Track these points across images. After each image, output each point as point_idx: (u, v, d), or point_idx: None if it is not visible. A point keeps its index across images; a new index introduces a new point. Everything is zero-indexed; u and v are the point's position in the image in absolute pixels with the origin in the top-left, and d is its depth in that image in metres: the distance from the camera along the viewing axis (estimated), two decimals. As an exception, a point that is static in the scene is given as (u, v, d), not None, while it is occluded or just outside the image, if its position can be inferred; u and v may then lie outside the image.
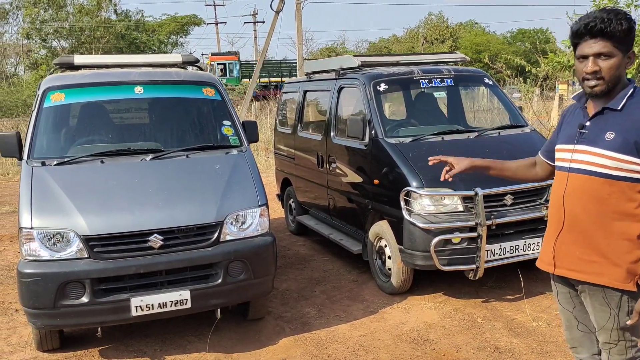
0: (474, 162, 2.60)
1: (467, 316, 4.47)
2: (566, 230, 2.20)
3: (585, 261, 2.15)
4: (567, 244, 2.20)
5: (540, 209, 4.64)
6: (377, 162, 5.01)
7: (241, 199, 4.04)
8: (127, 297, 3.63)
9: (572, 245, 2.19)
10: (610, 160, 2.06)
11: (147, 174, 4.07)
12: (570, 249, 2.19)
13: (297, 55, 22.68)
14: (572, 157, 2.19)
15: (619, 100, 2.10)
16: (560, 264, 2.25)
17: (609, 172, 2.07)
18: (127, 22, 34.21)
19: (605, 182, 2.08)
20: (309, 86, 6.77)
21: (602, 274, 2.12)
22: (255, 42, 40.65)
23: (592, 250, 2.13)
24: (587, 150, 2.13)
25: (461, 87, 5.92)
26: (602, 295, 2.14)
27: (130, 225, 3.69)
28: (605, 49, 2.04)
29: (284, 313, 4.72)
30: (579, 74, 2.14)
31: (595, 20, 2.03)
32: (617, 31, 2.02)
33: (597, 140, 2.11)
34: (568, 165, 2.20)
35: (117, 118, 4.73)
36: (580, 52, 2.10)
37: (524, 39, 48.05)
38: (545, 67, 8.71)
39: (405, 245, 4.60)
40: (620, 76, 2.09)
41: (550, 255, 2.28)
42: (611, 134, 2.07)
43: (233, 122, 4.66)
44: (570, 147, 2.21)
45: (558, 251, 2.24)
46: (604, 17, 2.02)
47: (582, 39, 2.09)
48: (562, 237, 2.21)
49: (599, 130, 2.12)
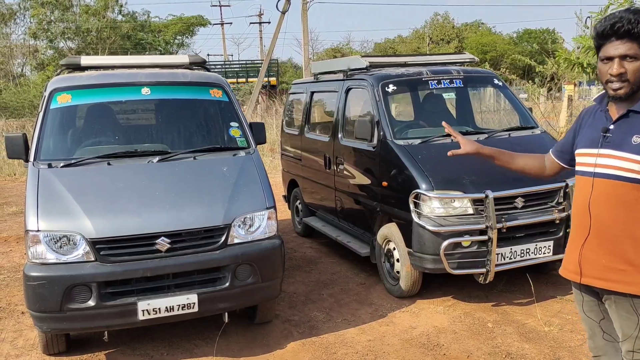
0: (481, 149, 2.58)
1: (478, 320, 4.41)
2: (592, 237, 2.13)
3: (613, 269, 2.09)
4: (593, 251, 2.14)
5: (552, 211, 4.57)
6: (386, 164, 4.96)
7: (249, 201, 4.00)
8: (134, 300, 3.59)
9: (599, 253, 2.12)
10: (637, 164, 2.00)
11: (154, 176, 4.04)
12: (597, 257, 2.13)
13: (303, 55, 22.67)
14: (597, 161, 2.13)
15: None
16: (586, 273, 2.18)
17: (637, 176, 2.01)
18: (134, 23, 34.27)
19: (634, 187, 2.02)
20: (316, 87, 6.72)
21: (630, 282, 2.05)
22: (261, 43, 40.70)
23: (619, 258, 2.07)
24: (613, 154, 2.07)
25: (470, 88, 5.86)
26: (629, 304, 2.08)
27: (137, 228, 3.65)
28: (632, 50, 1.98)
29: (292, 316, 4.67)
30: (602, 76, 2.08)
31: (622, 21, 1.97)
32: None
33: (623, 144, 2.05)
34: (592, 170, 2.14)
35: (124, 119, 4.69)
36: (605, 54, 2.04)
37: (530, 39, 47.82)
38: (554, 65, 8.62)
39: (415, 249, 4.54)
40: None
41: (576, 264, 2.21)
42: (638, 137, 2.02)
43: (240, 124, 4.62)
44: (593, 151, 2.15)
45: (584, 259, 2.17)
46: (630, 18, 1.95)
47: (607, 39, 2.03)
48: (588, 244, 2.15)
49: (624, 133, 2.06)
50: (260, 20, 40.91)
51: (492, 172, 4.64)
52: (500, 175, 4.58)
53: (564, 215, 4.55)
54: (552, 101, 12.60)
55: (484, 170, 4.67)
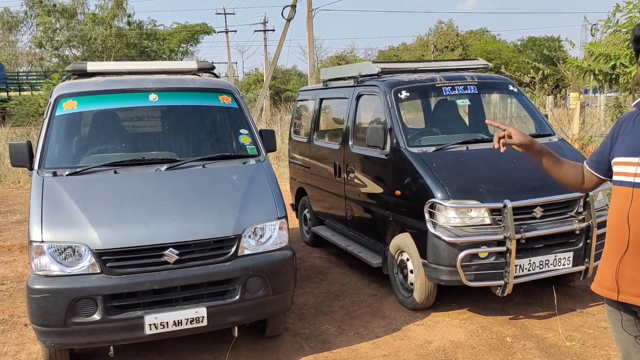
0: (534, 143, 2.27)
1: (496, 335, 4.26)
2: (631, 252, 1.99)
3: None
4: (632, 267, 2.00)
5: (571, 222, 4.42)
6: (399, 172, 4.82)
7: (260, 211, 3.87)
8: (140, 314, 3.46)
9: (639, 269, 1.98)
10: None
11: (162, 184, 3.91)
12: (636, 273, 1.98)
13: (308, 63, 22.60)
14: (637, 170, 1.99)
15: None
16: (625, 290, 2.03)
17: None
18: (139, 32, 34.35)
19: None
20: (325, 94, 6.60)
21: None
22: (265, 51, 40.64)
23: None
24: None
25: (485, 95, 5.73)
26: None
27: (144, 238, 3.52)
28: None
29: (303, 329, 4.52)
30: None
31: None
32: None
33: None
34: (632, 180, 2.00)
35: (131, 127, 4.58)
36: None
37: (534, 46, 47.78)
38: (565, 71, 8.50)
39: (430, 260, 4.40)
40: None
41: (612, 280, 2.06)
42: None
43: (250, 131, 4.50)
44: (634, 160, 2.01)
45: (622, 275, 2.03)
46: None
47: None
48: (627, 259, 2.01)
49: None
50: (264, 28, 40.89)
51: (509, 181, 4.52)
52: (518, 184, 4.46)
53: (584, 225, 4.40)
54: (560, 108, 12.48)
55: (501, 179, 4.54)
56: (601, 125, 9.95)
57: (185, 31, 38.71)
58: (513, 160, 4.73)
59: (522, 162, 4.68)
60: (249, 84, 46.03)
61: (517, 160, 4.73)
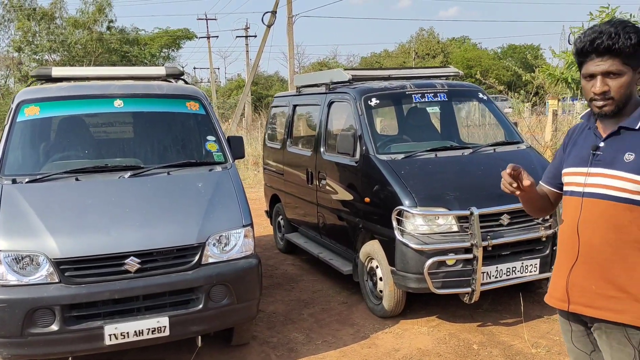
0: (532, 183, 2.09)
1: (463, 342, 4.25)
2: (581, 262, 1.98)
3: (604, 296, 1.94)
4: (582, 277, 1.99)
5: (538, 229, 4.45)
6: (368, 180, 4.81)
7: (225, 218, 3.83)
8: (100, 324, 3.39)
9: (588, 278, 1.97)
10: (631, 183, 1.87)
11: (125, 192, 3.85)
12: (586, 283, 1.98)
13: (289, 69, 22.59)
14: (586, 181, 1.98)
15: (636, 119, 1.92)
16: (575, 300, 2.02)
17: (630, 196, 1.87)
18: (121, 36, 34.11)
19: (627, 208, 1.88)
20: (298, 100, 6.59)
21: (623, 311, 1.90)
22: (247, 56, 40.47)
23: (610, 285, 1.92)
24: (604, 173, 1.93)
25: (455, 102, 5.76)
26: (622, 334, 1.93)
27: (105, 247, 3.46)
28: (614, 67, 1.85)
29: (270, 338, 4.48)
30: (586, 94, 1.95)
31: (601, 37, 1.84)
32: (625, 47, 1.82)
33: (614, 162, 1.91)
34: (582, 190, 1.99)
35: (95, 133, 4.50)
36: (587, 71, 1.91)
37: (514, 54, 48.37)
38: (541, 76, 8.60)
39: (398, 267, 4.39)
40: (632, 94, 1.90)
41: (563, 291, 2.05)
42: (630, 155, 1.88)
43: (218, 138, 4.46)
44: (583, 170, 2.00)
45: (572, 285, 2.02)
46: (611, 32, 1.82)
47: (587, 57, 1.90)
48: (577, 269, 2.00)
49: (615, 151, 1.93)
50: (246, 34, 40.77)
51: (477, 188, 4.54)
52: (485, 191, 4.48)
53: (551, 232, 4.43)
54: (537, 115, 12.61)
55: (468, 186, 4.56)
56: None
57: (166, 36, 38.52)
58: (480, 168, 4.76)
59: (490, 170, 4.71)
60: (230, 89, 45.89)
61: (484, 168, 4.77)
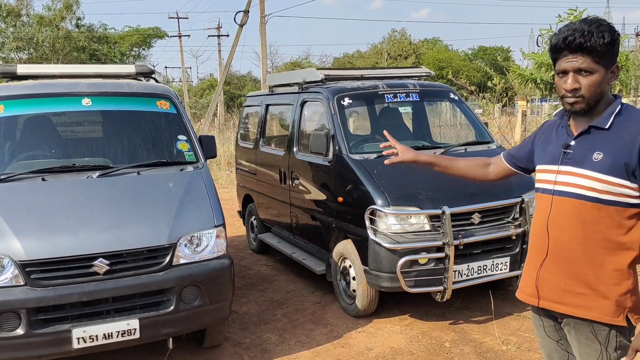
0: (418, 157, 2.50)
1: (435, 340, 4.29)
2: (550, 259, 2.01)
3: (572, 293, 1.97)
4: (551, 273, 2.02)
5: (508, 227, 4.51)
6: (341, 179, 4.82)
7: (196, 219, 3.78)
8: (68, 327, 3.32)
9: (557, 275, 2.00)
10: (599, 182, 1.90)
11: (93, 192, 3.77)
12: (555, 279, 2.01)
13: (262, 69, 22.48)
14: (557, 178, 2.01)
15: (606, 118, 1.93)
16: (544, 296, 2.06)
17: (598, 195, 1.90)
18: (90, 34, 33.47)
19: (594, 207, 1.91)
20: (271, 100, 6.56)
21: (591, 307, 1.94)
22: (220, 56, 40.20)
23: (578, 282, 1.96)
24: (574, 171, 1.96)
25: (426, 102, 5.80)
26: (589, 330, 1.96)
27: (72, 249, 3.38)
28: (585, 64, 1.87)
29: (243, 339, 4.44)
30: (559, 90, 1.97)
31: (574, 34, 1.86)
32: (598, 45, 1.84)
33: (584, 161, 1.94)
34: (552, 187, 2.02)
35: (62, 132, 4.39)
36: (559, 68, 1.93)
37: (484, 56, 49.09)
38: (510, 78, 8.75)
39: (371, 266, 4.40)
40: (603, 92, 1.93)
41: (533, 287, 2.09)
42: (599, 154, 1.91)
43: (189, 137, 4.40)
44: (554, 168, 2.03)
45: (542, 282, 2.05)
46: (584, 30, 1.84)
47: (560, 53, 1.92)
48: (546, 266, 2.03)
49: (585, 150, 1.95)
50: (218, 33, 40.47)
51: (448, 187, 4.57)
52: (457, 190, 4.52)
53: (520, 231, 4.50)
54: (507, 116, 12.82)
55: (440, 186, 4.58)
56: (542, 132, 10.30)
57: (137, 35, 37.96)
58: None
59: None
60: (203, 89, 45.50)
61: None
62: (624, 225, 1.91)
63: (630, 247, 1.92)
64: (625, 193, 1.88)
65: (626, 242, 1.91)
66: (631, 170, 1.86)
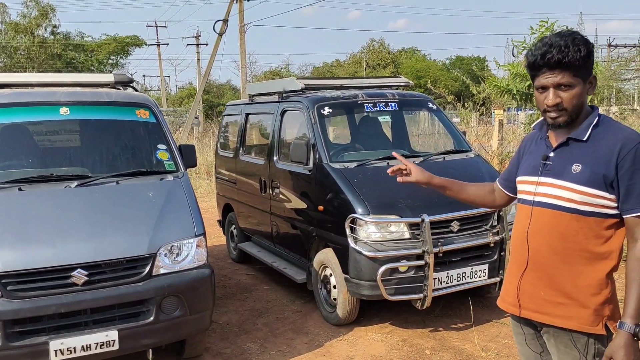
0: (431, 179, 2.41)
1: (415, 347, 4.31)
2: (530, 269, 2.05)
3: (551, 303, 2.00)
4: (531, 284, 2.05)
5: (486, 235, 4.57)
6: (322, 188, 4.84)
7: (176, 228, 3.76)
8: (45, 340, 3.27)
9: (538, 285, 2.03)
10: (577, 194, 1.92)
11: (71, 202, 3.73)
12: (535, 289, 2.04)
13: (241, 78, 22.45)
14: (537, 190, 2.04)
15: (584, 130, 1.96)
16: (525, 306, 2.08)
17: (577, 206, 1.93)
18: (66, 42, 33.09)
19: (573, 218, 1.94)
20: (251, 109, 6.57)
21: (570, 317, 1.97)
22: (199, 65, 40.01)
23: (558, 292, 1.99)
24: (553, 183, 1.99)
25: (405, 112, 5.86)
26: (568, 338, 2.00)
27: (50, 259, 3.33)
28: (565, 79, 1.90)
29: (224, 349, 4.42)
30: (539, 105, 2.00)
31: (551, 50, 1.87)
32: (575, 60, 1.86)
33: (562, 172, 1.97)
34: (532, 198, 2.05)
35: (39, 141, 4.34)
36: (539, 84, 1.95)
37: (462, 65, 49.73)
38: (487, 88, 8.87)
39: (351, 275, 4.42)
40: (583, 104, 1.96)
41: (514, 296, 2.11)
42: (578, 166, 1.94)
43: (169, 146, 4.38)
44: (533, 179, 2.06)
45: (523, 292, 2.08)
46: (560, 46, 1.86)
47: (539, 70, 1.94)
48: (527, 276, 2.06)
49: (564, 161, 1.98)
50: (197, 42, 40.33)
51: (428, 196, 4.59)
52: (436, 198, 4.55)
53: (498, 238, 4.56)
54: (484, 125, 12.99)
55: (419, 194, 4.61)
56: (519, 141, 10.48)
57: (115, 43, 37.63)
58: (431, 176, 4.85)
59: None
60: (181, 97, 45.21)
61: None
62: (602, 236, 1.93)
63: (608, 257, 1.94)
64: (604, 204, 1.91)
65: (604, 252, 1.94)
66: (609, 181, 1.88)
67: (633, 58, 13.75)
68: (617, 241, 1.95)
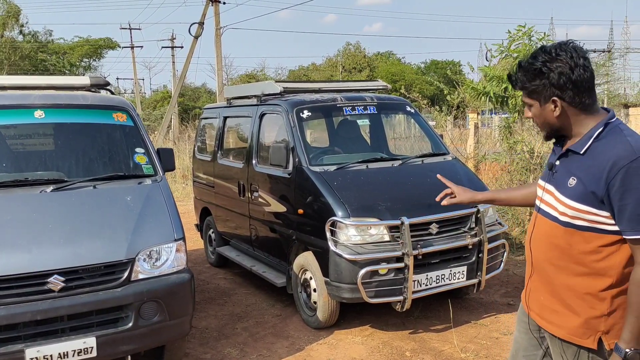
0: (475, 197, 2.51)
1: (395, 350, 4.34)
2: (535, 274, 2.10)
3: (548, 309, 2.04)
4: (536, 288, 2.11)
5: (465, 237, 4.62)
6: (302, 191, 4.83)
7: (155, 233, 3.71)
8: (21, 347, 3.19)
9: (539, 290, 2.09)
10: (569, 209, 1.91)
11: (47, 207, 3.66)
12: (538, 294, 2.10)
13: (217, 81, 22.32)
14: (542, 196, 2.07)
15: (583, 142, 1.91)
16: (531, 307, 2.15)
17: (571, 221, 1.92)
18: (36, 44, 32.50)
19: (567, 232, 1.93)
20: (229, 112, 6.53)
21: (560, 326, 1.99)
22: (174, 67, 39.62)
23: (555, 299, 2.01)
24: (553, 193, 2.00)
25: (384, 115, 5.90)
26: (559, 346, 2.03)
27: (25, 265, 3.26)
28: (525, 99, 2.03)
29: (203, 355, 4.38)
30: None
31: (510, 78, 2.05)
32: (523, 88, 1.99)
33: (561, 184, 1.97)
34: (538, 204, 2.09)
35: (13, 145, 4.24)
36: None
37: (436, 69, 50.28)
38: (463, 93, 8.97)
39: (332, 278, 4.42)
40: (552, 122, 1.97)
41: (524, 296, 2.19)
42: (574, 179, 1.92)
43: (147, 150, 4.33)
44: (542, 184, 2.09)
45: (529, 294, 2.15)
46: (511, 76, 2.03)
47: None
48: (532, 280, 2.12)
49: (565, 172, 1.97)
50: (172, 45, 39.95)
51: (407, 198, 4.67)
52: (415, 201, 4.61)
53: (476, 240, 4.61)
54: (458, 128, 13.14)
55: (399, 197, 4.67)
56: (494, 144, 10.60)
57: (87, 45, 37.12)
58: (410, 179, 4.90)
59: (419, 180, 4.87)
60: (156, 100, 44.74)
61: (413, 179, 4.91)
62: (601, 251, 1.88)
63: (605, 274, 1.88)
64: (598, 220, 1.86)
65: (602, 268, 1.88)
66: (599, 199, 1.83)
67: (603, 63, 14.07)
68: (618, 258, 1.87)
